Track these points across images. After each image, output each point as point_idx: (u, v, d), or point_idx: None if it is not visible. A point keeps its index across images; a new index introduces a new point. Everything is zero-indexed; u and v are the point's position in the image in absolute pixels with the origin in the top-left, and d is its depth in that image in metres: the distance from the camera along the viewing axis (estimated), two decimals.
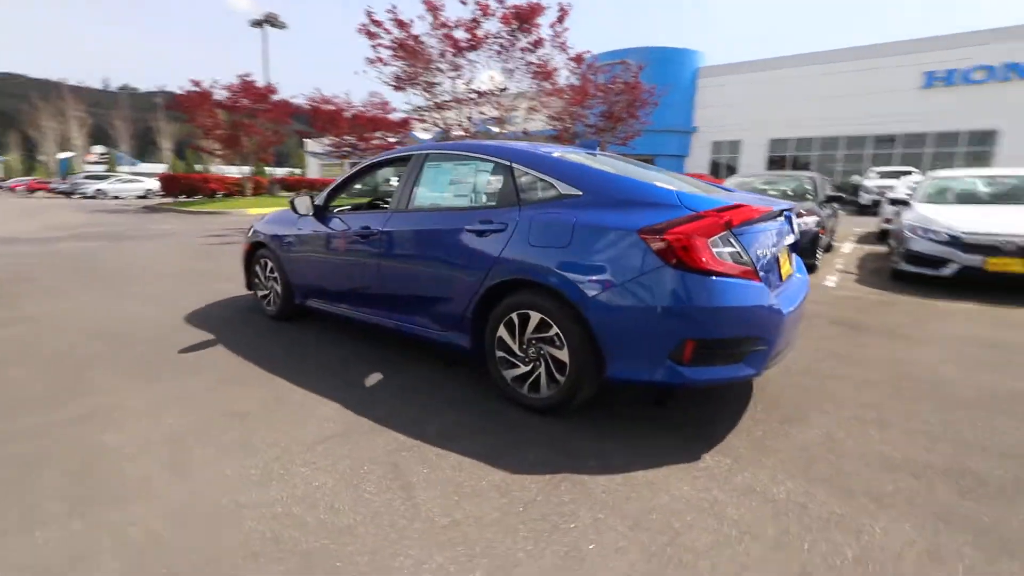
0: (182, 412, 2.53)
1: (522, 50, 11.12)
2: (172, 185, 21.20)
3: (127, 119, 51.72)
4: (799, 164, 28.41)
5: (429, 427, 2.40)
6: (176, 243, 9.35)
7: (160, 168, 53.90)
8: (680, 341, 2.09)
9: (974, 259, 5.27)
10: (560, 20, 10.91)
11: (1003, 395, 2.84)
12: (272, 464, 2.07)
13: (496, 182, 2.75)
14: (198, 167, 51.03)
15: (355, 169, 3.68)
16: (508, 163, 2.70)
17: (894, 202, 7.00)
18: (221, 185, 21.00)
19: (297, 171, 54.58)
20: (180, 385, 2.86)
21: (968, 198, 6.51)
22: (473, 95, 11.72)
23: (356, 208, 3.99)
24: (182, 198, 21.49)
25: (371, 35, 11.98)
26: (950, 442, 2.32)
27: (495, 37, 10.87)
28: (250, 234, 4.44)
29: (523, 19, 10.54)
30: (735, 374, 2.16)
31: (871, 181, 18.18)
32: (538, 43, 11.03)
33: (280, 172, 25.83)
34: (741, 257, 2.15)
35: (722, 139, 30.47)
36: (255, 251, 4.34)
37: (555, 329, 2.36)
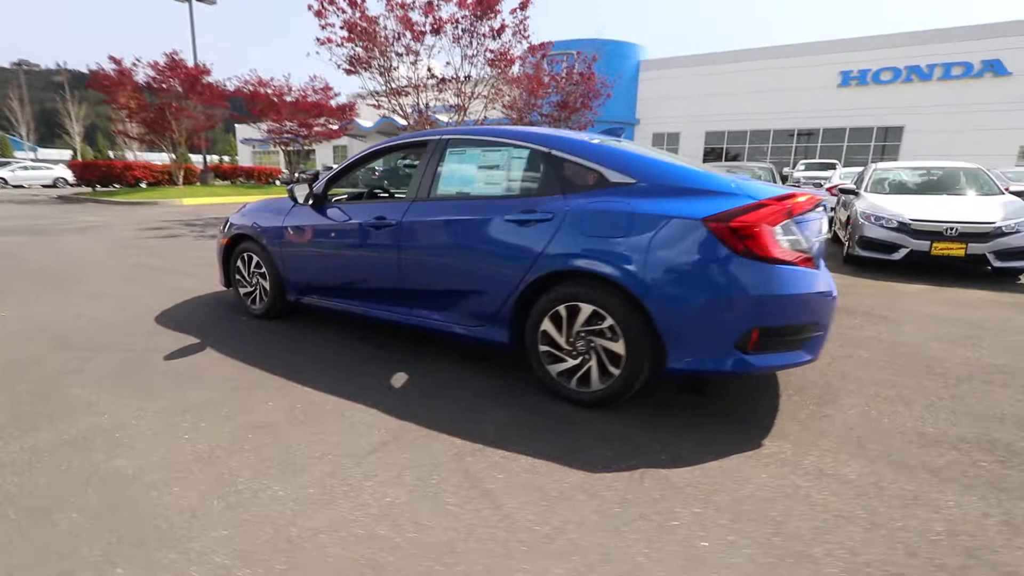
0: (199, 428, 2.23)
1: (484, 36, 10.84)
2: (88, 173, 19.01)
3: (23, 99, 45.74)
4: (732, 156, 29.93)
5: (482, 427, 2.27)
6: (111, 237, 8.41)
7: (65, 154, 48.36)
8: (747, 329, 2.08)
9: (922, 244, 5.73)
10: (523, 7, 10.74)
11: (989, 370, 3.08)
12: (328, 480, 1.86)
13: (534, 169, 2.62)
14: (111, 153, 46.20)
15: (359, 155, 3.39)
16: (547, 150, 2.57)
17: (844, 191, 7.47)
18: (147, 173, 19.11)
19: (226, 158, 50.84)
20: (182, 397, 2.53)
21: (910, 188, 7.06)
22: (432, 81, 11.31)
23: (356, 197, 3.71)
24: (98, 187, 19.39)
25: (320, 13, 11.23)
26: (968, 416, 2.47)
27: (456, 22, 10.51)
28: (227, 228, 4.02)
29: (487, 4, 10.26)
30: (795, 360, 2.18)
31: (800, 172, 19.44)
32: (502, 29, 10.79)
33: (209, 159, 23.70)
34: (801, 244, 2.16)
35: (662, 131, 31.52)
36: (235, 245, 3.94)
37: (609, 321, 2.28)
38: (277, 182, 28.55)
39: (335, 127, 25.35)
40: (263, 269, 3.74)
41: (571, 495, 1.80)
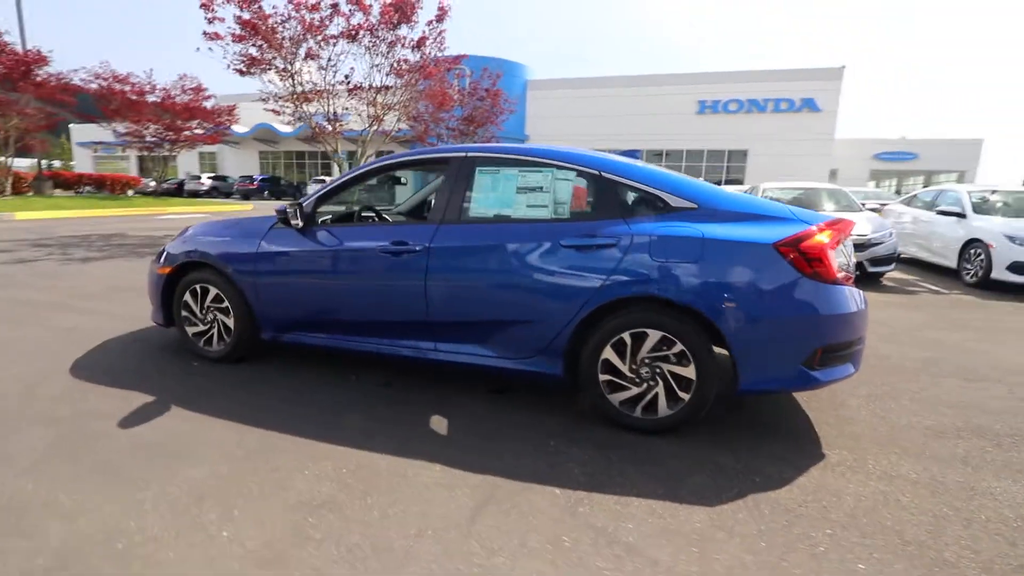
0: (234, 518, 1.73)
1: (402, 45, 10.36)
2: None
3: None
4: None
5: (568, 471, 2.08)
6: None
7: None
8: (815, 348, 2.17)
9: None
10: (439, 19, 10.47)
11: (926, 363, 3.62)
12: (449, 564, 1.55)
13: (585, 193, 2.50)
14: None
15: (358, 171, 2.97)
16: (596, 172, 2.48)
17: None
18: None
19: (57, 163, 42.43)
20: (180, 476, 1.97)
21: (796, 204, 8.11)
22: (342, 88, 10.52)
23: (344, 219, 3.24)
24: None
25: (206, 6, 9.87)
26: (946, 406, 2.86)
27: (371, 30, 9.90)
28: (165, 257, 3.28)
29: (403, 14, 9.82)
30: (846, 373, 2.32)
31: None
32: (422, 41, 10.41)
33: (26, 164, 19.31)
34: (847, 265, 2.33)
35: None
36: (181, 275, 3.22)
37: (679, 346, 2.25)
38: (130, 192, 24.55)
39: (201, 132, 22.48)
40: (225, 303, 3.10)
41: (711, 535, 1.71)
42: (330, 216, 3.24)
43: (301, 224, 2.85)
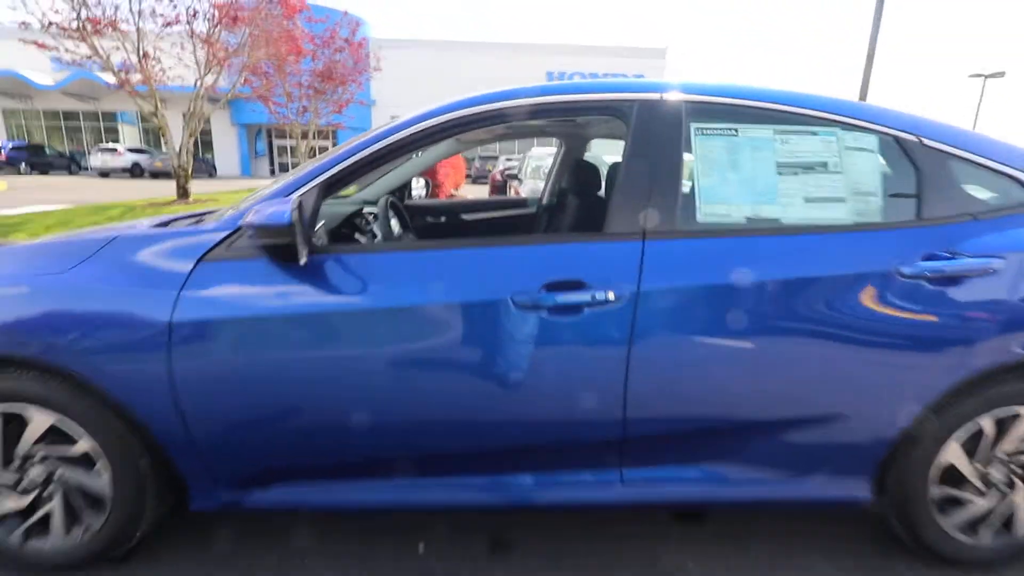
0: None
1: None
2: None
3: None
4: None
5: None
6: None
7: None
8: None
9: None
10: None
11: None
12: None
13: (899, 174, 1.36)
14: None
15: (408, 127, 1.38)
16: (915, 138, 1.35)
17: (510, 177, 7.72)
18: None
19: None
20: None
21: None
22: (157, 21, 7.19)
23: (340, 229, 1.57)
24: None
25: None
26: None
27: None
28: None
29: None
30: None
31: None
32: None
33: None
34: None
35: (399, 114, 30.40)
36: None
37: None
38: None
39: None
40: (78, 446, 1.27)
41: None
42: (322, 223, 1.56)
43: (306, 257, 1.18)
